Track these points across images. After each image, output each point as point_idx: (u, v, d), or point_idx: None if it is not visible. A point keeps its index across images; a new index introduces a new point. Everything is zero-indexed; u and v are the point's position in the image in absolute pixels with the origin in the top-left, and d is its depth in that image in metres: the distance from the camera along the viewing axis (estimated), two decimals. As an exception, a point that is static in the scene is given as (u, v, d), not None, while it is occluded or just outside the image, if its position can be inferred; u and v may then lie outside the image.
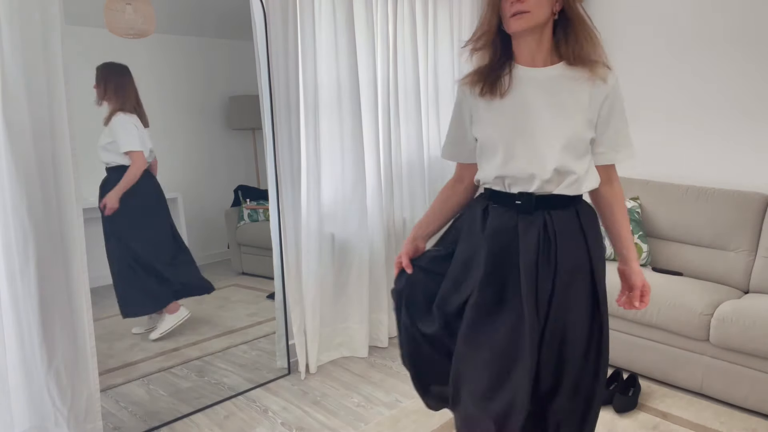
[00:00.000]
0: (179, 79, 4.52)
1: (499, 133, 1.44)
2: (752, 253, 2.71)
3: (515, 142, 1.42)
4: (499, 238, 1.45)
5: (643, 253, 2.90)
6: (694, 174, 3.06)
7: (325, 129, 2.74)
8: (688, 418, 2.33)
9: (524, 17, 1.35)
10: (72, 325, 2.00)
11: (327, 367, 2.85)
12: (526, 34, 1.40)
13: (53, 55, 1.85)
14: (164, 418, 2.37)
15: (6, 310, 1.87)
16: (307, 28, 2.55)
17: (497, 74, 1.45)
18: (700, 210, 2.82)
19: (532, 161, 1.41)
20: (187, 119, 4.63)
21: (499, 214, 1.47)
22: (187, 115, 4.63)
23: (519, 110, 1.43)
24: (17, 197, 1.83)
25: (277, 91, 2.50)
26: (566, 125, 1.41)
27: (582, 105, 1.42)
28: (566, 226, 1.44)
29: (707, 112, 2.98)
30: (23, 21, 1.78)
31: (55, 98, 1.87)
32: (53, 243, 1.92)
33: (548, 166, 1.40)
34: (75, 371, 2.02)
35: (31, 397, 1.95)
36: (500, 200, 1.48)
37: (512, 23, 1.37)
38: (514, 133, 1.42)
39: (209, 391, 2.60)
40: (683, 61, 3.02)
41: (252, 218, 4.50)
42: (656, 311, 2.50)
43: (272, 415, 2.41)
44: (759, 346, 2.24)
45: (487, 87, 1.45)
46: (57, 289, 1.95)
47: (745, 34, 2.81)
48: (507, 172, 1.44)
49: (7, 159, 1.80)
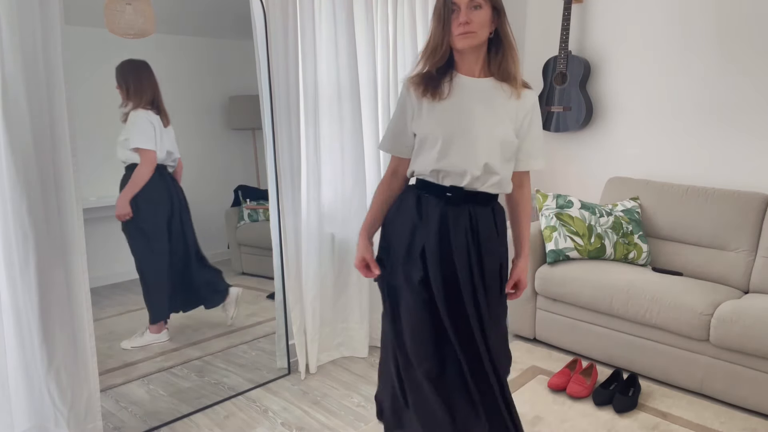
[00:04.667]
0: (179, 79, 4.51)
1: (440, 131, 1.62)
2: (752, 253, 2.71)
3: (453, 140, 1.62)
4: (436, 221, 1.65)
5: (643, 253, 2.90)
6: (694, 174, 3.06)
7: (325, 129, 2.74)
8: (688, 418, 2.33)
9: (470, 36, 1.57)
10: (72, 325, 2.00)
11: (327, 367, 2.85)
12: (469, 50, 1.61)
13: (53, 55, 1.85)
14: (164, 418, 2.37)
15: (6, 310, 1.87)
16: (307, 28, 2.55)
17: (440, 80, 1.64)
18: (700, 210, 2.82)
19: (466, 158, 1.61)
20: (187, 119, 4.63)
21: (432, 204, 1.66)
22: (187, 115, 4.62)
23: (459, 112, 1.63)
24: (17, 197, 1.83)
25: (277, 91, 2.50)
26: (499, 130, 1.63)
27: (510, 115, 1.66)
28: (485, 221, 1.68)
29: (707, 112, 2.98)
30: (23, 21, 1.78)
31: (55, 98, 1.87)
32: (53, 243, 1.92)
33: (479, 163, 1.61)
34: (75, 371, 2.02)
35: (31, 397, 1.95)
36: (432, 191, 1.67)
37: (460, 41, 1.58)
38: (453, 132, 1.62)
39: (209, 391, 2.60)
40: (683, 61, 3.02)
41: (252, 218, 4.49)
42: (656, 311, 2.50)
43: (272, 415, 2.41)
44: (759, 346, 2.24)
45: (430, 90, 1.64)
46: (57, 289, 1.95)
47: (746, 34, 2.81)
48: (443, 166, 1.63)
49: (7, 159, 1.80)
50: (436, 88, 1.63)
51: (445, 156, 1.62)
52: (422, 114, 1.66)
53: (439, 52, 1.61)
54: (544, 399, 2.49)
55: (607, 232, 2.89)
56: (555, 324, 2.91)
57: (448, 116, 1.63)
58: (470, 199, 1.66)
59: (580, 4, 3.33)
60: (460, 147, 1.61)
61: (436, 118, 1.64)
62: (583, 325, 2.80)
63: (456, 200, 1.65)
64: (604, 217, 2.92)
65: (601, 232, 2.89)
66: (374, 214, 1.80)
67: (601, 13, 3.28)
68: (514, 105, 1.65)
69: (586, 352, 2.82)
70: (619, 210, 2.97)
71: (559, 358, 2.86)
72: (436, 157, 1.63)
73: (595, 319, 2.75)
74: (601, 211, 2.94)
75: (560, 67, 3.29)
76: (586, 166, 3.47)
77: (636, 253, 2.90)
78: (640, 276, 2.66)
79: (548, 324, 2.95)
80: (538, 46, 3.56)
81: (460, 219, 1.65)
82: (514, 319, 3.07)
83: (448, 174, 1.63)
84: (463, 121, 1.62)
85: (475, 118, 1.62)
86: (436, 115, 1.64)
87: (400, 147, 1.74)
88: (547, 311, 2.95)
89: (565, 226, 2.90)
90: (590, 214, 2.92)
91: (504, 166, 1.65)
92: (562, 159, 3.56)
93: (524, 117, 1.67)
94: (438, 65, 1.64)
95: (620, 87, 3.27)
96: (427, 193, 1.68)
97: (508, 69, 1.64)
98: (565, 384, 2.55)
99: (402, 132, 1.72)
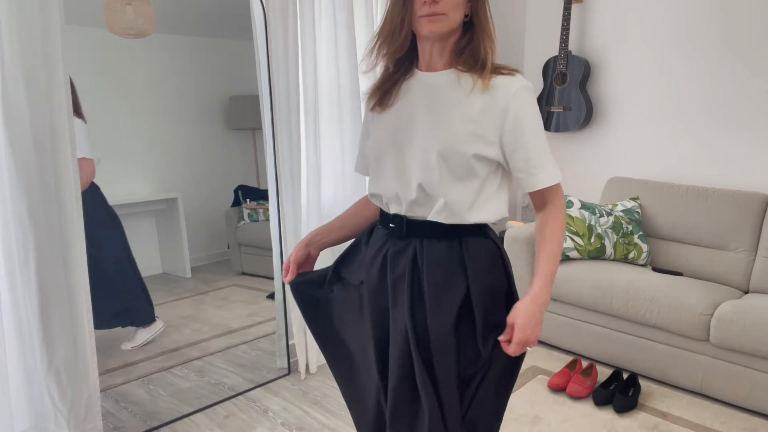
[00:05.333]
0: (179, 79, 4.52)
1: (376, 148, 1.33)
2: (752, 253, 2.71)
3: (386, 157, 1.30)
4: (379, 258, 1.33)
5: (643, 253, 2.90)
6: (694, 174, 3.06)
7: (325, 129, 2.74)
8: (688, 418, 2.33)
9: (440, 20, 1.17)
10: (72, 325, 2.00)
11: (327, 367, 2.85)
12: (435, 39, 1.22)
13: (53, 55, 1.85)
14: (164, 418, 2.37)
15: (6, 310, 1.87)
16: (307, 28, 2.55)
17: (393, 82, 1.31)
18: (700, 210, 2.82)
19: (399, 179, 1.28)
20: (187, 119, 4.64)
21: (377, 237, 1.37)
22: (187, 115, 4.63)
23: (398, 122, 1.29)
24: (17, 197, 1.83)
25: (277, 91, 2.50)
26: (441, 137, 1.22)
27: (468, 116, 1.21)
28: (439, 255, 1.26)
29: (707, 112, 2.98)
30: (23, 21, 1.78)
31: (55, 98, 1.87)
32: (53, 243, 1.92)
33: (412, 184, 1.26)
34: (75, 371, 2.02)
35: (31, 397, 1.95)
36: (382, 221, 1.37)
37: (424, 25, 1.18)
38: (387, 147, 1.30)
39: (209, 391, 2.60)
40: (684, 61, 3.02)
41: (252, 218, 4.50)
42: (656, 311, 2.50)
43: (272, 415, 2.41)
44: (759, 346, 2.25)
45: (378, 100, 1.33)
46: (57, 289, 1.95)
47: (746, 34, 2.81)
48: (377, 190, 1.34)
49: (7, 159, 1.80)
50: (386, 94, 1.31)
51: (377, 178, 1.33)
52: (368, 128, 1.40)
53: (397, 37, 1.22)
54: (544, 399, 2.49)
55: (607, 232, 2.89)
56: (555, 324, 2.91)
57: (386, 129, 1.31)
58: (418, 231, 1.28)
59: (580, 4, 3.33)
60: (392, 166, 1.29)
61: (374, 133, 1.34)
62: (583, 325, 2.80)
63: (398, 232, 1.31)
64: (604, 217, 2.92)
65: (601, 232, 2.89)
66: (331, 222, 1.52)
67: (601, 13, 3.28)
68: (479, 100, 1.21)
69: (586, 352, 2.82)
70: (619, 210, 2.97)
71: (559, 358, 2.86)
72: (371, 179, 1.36)
73: (595, 319, 2.75)
74: (601, 211, 2.94)
75: (560, 67, 3.29)
76: (586, 166, 3.47)
77: (636, 253, 2.91)
78: (640, 276, 2.66)
79: (548, 324, 2.95)
80: (538, 46, 3.56)
81: (401, 257, 1.29)
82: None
83: (387, 199, 1.32)
84: (399, 133, 1.28)
85: (413, 127, 1.26)
86: (377, 129, 1.34)
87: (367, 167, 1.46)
88: (547, 311, 2.95)
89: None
90: (590, 214, 2.92)
91: (457, 186, 1.23)
92: (562, 159, 3.56)
93: (502, 117, 1.20)
94: (397, 56, 1.26)
95: (620, 87, 3.27)
96: (379, 223, 1.39)
97: (475, 54, 1.22)
98: (565, 384, 2.55)
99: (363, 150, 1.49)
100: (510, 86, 1.20)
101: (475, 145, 1.21)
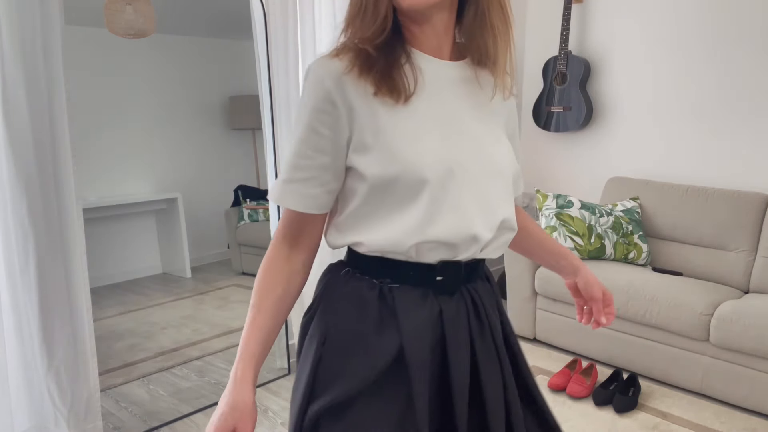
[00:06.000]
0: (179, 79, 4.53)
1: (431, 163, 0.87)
2: (752, 253, 2.71)
3: (449, 182, 0.87)
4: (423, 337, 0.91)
5: (643, 253, 2.90)
6: (694, 174, 3.06)
7: (325, 129, 2.74)
8: (688, 418, 2.33)
9: None
10: (72, 325, 2.00)
11: (327, 367, 2.84)
12: (430, 12, 0.87)
13: (53, 55, 1.85)
14: (164, 418, 2.37)
15: (6, 310, 1.87)
16: (307, 28, 2.55)
17: (392, 60, 0.88)
18: (700, 210, 2.82)
19: (481, 212, 0.91)
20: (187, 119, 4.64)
21: (413, 300, 0.91)
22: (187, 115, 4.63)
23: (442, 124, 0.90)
24: (17, 197, 1.83)
25: (277, 91, 2.50)
26: (501, 152, 0.95)
27: (502, 129, 1.00)
28: (488, 298, 1.01)
29: (708, 111, 2.98)
30: (23, 21, 1.78)
31: (55, 98, 1.87)
32: (53, 243, 1.92)
33: (495, 218, 0.93)
34: (75, 371, 2.02)
35: (31, 397, 1.95)
36: (405, 276, 0.92)
37: None
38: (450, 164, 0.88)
39: (209, 391, 2.60)
40: (684, 61, 3.02)
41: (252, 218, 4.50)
42: (656, 311, 2.50)
43: (272, 415, 2.41)
44: (759, 346, 2.25)
45: (384, 80, 0.86)
46: (57, 289, 1.95)
47: (746, 34, 2.81)
48: (437, 235, 0.88)
49: (7, 159, 1.80)
50: (391, 75, 0.87)
51: (438, 215, 0.87)
52: (379, 130, 0.87)
53: (371, 12, 0.85)
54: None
55: (607, 232, 2.89)
56: (555, 324, 2.91)
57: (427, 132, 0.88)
58: (469, 276, 0.97)
59: (580, 4, 3.33)
60: (462, 195, 0.89)
61: (408, 136, 0.87)
62: (583, 325, 2.80)
63: (452, 285, 0.94)
64: (604, 217, 2.92)
65: (601, 232, 2.89)
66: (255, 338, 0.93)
67: (601, 13, 3.28)
68: (504, 108, 1.00)
69: (586, 352, 2.82)
70: (619, 210, 2.97)
71: (559, 358, 2.86)
72: (420, 219, 0.87)
73: (595, 319, 2.75)
74: (601, 211, 2.94)
75: (560, 67, 3.29)
76: (586, 166, 3.47)
77: (636, 253, 2.91)
78: (640, 276, 2.66)
79: (548, 324, 2.95)
80: (538, 46, 3.56)
81: (461, 319, 0.95)
82: (514, 320, 3.07)
83: (438, 246, 0.89)
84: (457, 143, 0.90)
85: (474, 135, 0.92)
86: (407, 130, 0.87)
87: (316, 196, 0.91)
88: (547, 311, 2.95)
89: (565, 226, 2.90)
90: (590, 214, 2.92)
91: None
92: (562, 159, 3.57)
93: (509, 119, 1.04)
94: (376, 39, 0.85)
95: (620, 87, 3.27)
96: (394, 282, 0.92)
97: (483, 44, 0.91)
98: (565, 384, 2.55)
99: (321, 171, 0.90)
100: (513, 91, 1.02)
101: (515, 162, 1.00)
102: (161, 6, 3.14)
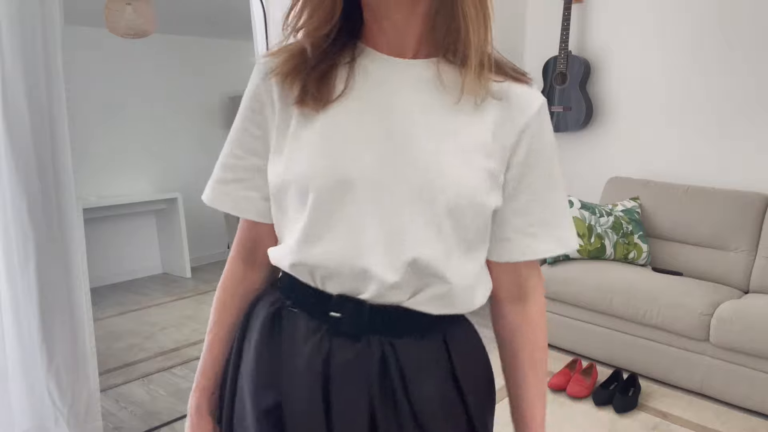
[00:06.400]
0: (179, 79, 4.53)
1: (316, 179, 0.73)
2: (752, 253, 2.71)
3: (343, 202, 0.73)
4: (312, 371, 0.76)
5: (644, 253, 2.90)
6: (694, 174, 3.06)
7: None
8: (688, 418, 2.33)
9: None
10: (72, 325, 2.00)
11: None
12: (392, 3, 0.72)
13: (53, 55, 1.85)
14: (164, 418, 2.37)
15: (6, 310, 1.87)
16: (307, 28, 2.55)
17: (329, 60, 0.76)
18: (700, 210, 2.82)
19: (378, 246, 0.73)
20: (187, 119, 4.64)
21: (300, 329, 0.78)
22: (187, 115, 4.64)
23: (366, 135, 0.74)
24: (17, 197, 1.83)
25: (277, 91, 2.50)
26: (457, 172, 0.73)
27: (480, 142, 0.75)
28: (427, 365, 0.78)
29: (707, 112, 2.98)
30: (23, 21, 1.78)
31: (55, 98, 1.87)
32: (53, 243, 1.92)
33: (401, 256, 0.73)
34: (75, 371, 2.02)
35: (31, 397, 1.95)
36: (303, 301, 0.79)
37: None
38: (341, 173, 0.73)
39: (209, 391, 2.60)
40: (683, 61, 3.02)
41: (252, 218, 4.49)
42: (656, 311, 2.50)
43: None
44: (759, 346, 2.25)
45: (312, 86, 0.75)
46: (57, 289, 1.95)
47: (746, 34, 2.81)
48: (313, 257, 0.75)
49: (7, 159, 1.80)
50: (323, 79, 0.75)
51: (315, 235, 0.75)
52: (288, 135, 0.77)
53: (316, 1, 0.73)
54: (544, 399, 2.49)
55: (607, 232, 2.89)
56: (555, 324, 2.91)
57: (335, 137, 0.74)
58: (385, 326, 0.77)
59: (580, 4, 3.33)
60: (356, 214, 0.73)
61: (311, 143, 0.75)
62: (583, 325, 2.80)
63: (350, 327, 0.76)
64: (604, 217, 2.92)
65: (601, 232, 2.89)
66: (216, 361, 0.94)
67: (601, 13, 3.28)
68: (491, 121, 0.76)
69: (586, 352, 2.82)
70: (619, 210, 2.97)
71: (559, 358, 2.86)
72: (298, 235, 0.76)
73: (595, 319, 2.75)
74: (601, 211, 2.94)
75: (560, 67, 3.29)
76: (586, 166, 3.47)
77: (636, 253, 2.91)
78: (640, 276, 2.66)
79: (548, 324, 2.95)
80: (538, 46, 3.56)
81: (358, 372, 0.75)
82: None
83: (329, 274, 0.75)
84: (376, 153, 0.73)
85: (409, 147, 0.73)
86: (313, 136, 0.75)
87: (243, 201, 0.83)
88: (547, 311, 2.95)
89: (565, 226, 2.89)
90: (590, 214, 2.92)
91: (464, 259, 0.77)
92: (562, 159, 3.55)
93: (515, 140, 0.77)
94: (321, 31, 0.74)
95: (620, 87, 3.27)
96: (294, 306, 0.81)
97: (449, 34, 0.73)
98: (565, 384, 2.55)
99: (250, 168, 0.82)
100: (530, 100, 0.77)
101: (494, 191, 0.76)
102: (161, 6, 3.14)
